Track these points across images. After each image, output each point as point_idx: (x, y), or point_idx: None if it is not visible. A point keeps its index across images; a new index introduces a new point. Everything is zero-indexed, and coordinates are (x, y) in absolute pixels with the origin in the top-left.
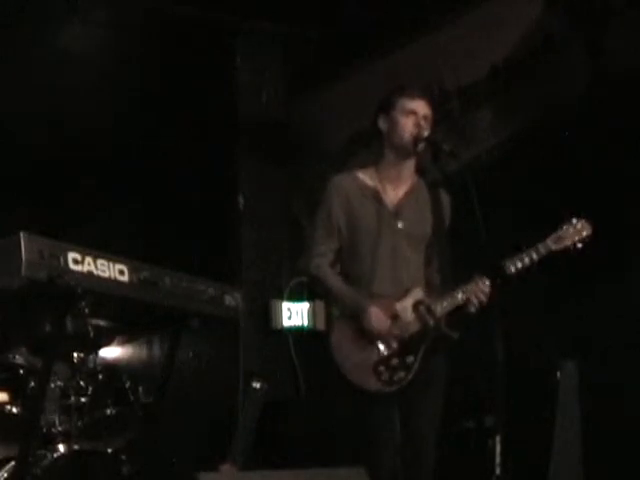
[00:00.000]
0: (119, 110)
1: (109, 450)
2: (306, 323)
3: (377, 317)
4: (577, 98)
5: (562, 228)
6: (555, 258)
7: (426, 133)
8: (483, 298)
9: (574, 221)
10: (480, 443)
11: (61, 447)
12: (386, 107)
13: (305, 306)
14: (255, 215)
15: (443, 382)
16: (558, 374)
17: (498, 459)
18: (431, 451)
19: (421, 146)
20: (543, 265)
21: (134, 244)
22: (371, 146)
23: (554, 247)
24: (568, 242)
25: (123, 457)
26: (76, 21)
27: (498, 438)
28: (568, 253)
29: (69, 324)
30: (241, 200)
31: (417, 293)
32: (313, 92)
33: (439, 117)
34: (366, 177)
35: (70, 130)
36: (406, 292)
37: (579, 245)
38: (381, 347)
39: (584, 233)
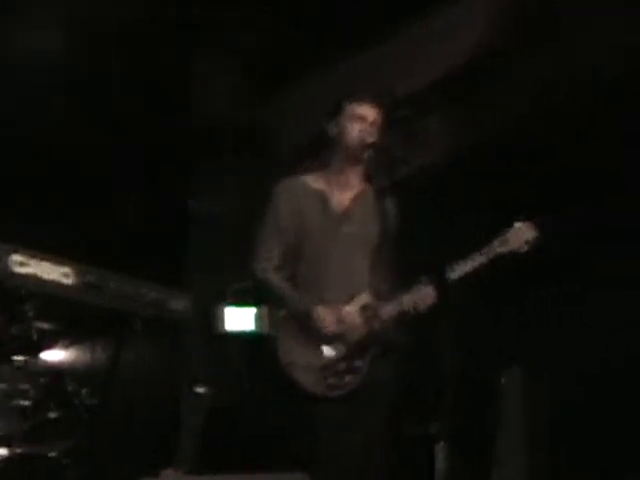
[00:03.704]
0: (71, 110)
1: (52, 454)
2: (251, 328)
3: (325, 316)
4: (528, 106)
5: (507, 231)
6: (501, 266)
7: (373, 139)
8: (429, 302)
9: (519, 224)
10: (425, 449)
11: (4, 451)
12: (335, 112)
13: (251, 311)
14: (203, 219)
15: (390, 388)
16: (502, 381)
17: (442, 465)
18: (376, 457)
19: (369, 152)
20: (490, 273)
21: (81, 247)
22: (321, 151)
23: (499, 250)
24: (514, 245)
25: (66, 461)
26: (27, 20)
27: (442, 444)
28: (514, 256)
29: (13, 326)
30: (190, 204)
31: (364, 298)
32: (268, 97)
33: (390, 123)
34: (314, 181)
35: (22, 130)
36: (353, 296)
37: (525, 248)
38: (328, 351)
39: (529, 236)
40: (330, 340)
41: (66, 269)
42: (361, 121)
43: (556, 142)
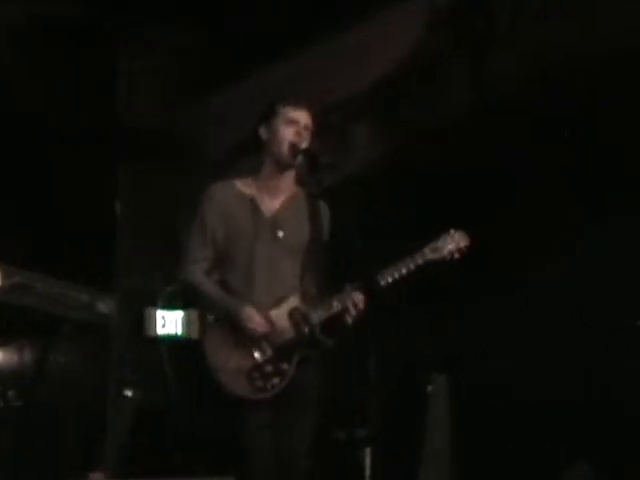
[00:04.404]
0: None
1: None
2: (180, 332)
3: (253, 317)
4: (464, 111)
5: (439, 238)
6: (430, 275)
7: (305, 144)
8: (360, 307)
9: (452, 232)
10: (351, 454)
11: None
12: (268, 115)
13: (179, 314)
14: (132, 222)
15: (316, 392)
16: (429, 387)
17: (368, 471)
18: (302, 461)
19: (300, 157)
20: (419, 281)
21: (8, 248)
22: (253, 155)
23: (430, 256)
24: (445, 252)
25: None
26: None
27: (368, 450)
28: (445, 263)
29: None
30: (118, 206)
31: (293, 301)
32: (200, 99)
33: (320, 128)
34: (244, 186)
35: None
36: (281, 300)
37: (456, 255)
38: (255, 354)
39: (461, 244)
40: (257, 342)
41: None
42: (294, 125)
43: (494, 148)
